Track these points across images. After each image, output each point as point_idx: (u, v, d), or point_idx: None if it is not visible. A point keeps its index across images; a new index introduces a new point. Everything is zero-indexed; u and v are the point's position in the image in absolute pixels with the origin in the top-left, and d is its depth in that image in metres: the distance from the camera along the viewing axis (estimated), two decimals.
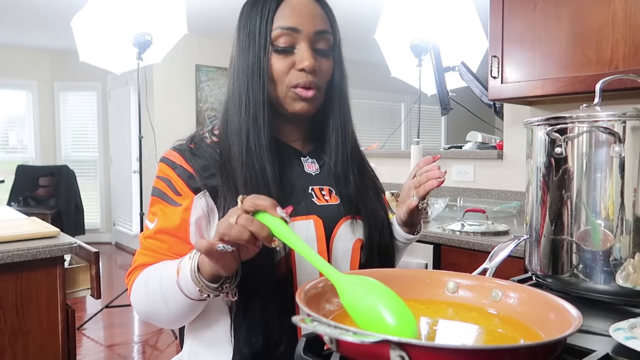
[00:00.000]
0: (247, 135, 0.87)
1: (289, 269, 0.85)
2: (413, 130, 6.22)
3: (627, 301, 0.84)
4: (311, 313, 0.53)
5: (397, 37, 3.38)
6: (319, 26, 0.88)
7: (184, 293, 0.77)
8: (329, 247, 0.90)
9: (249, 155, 0.86)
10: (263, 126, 0.87)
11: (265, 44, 0.86)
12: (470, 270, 0.78)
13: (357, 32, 3.73)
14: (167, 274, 0.80)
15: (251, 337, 0.83)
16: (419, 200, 0.93)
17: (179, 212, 0.86)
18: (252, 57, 0.87)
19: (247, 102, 0.87)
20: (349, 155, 0.96)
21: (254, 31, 0.87)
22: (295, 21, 0.86)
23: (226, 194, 0.85)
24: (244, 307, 0.83)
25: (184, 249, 0.85)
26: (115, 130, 6.17)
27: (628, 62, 1.65)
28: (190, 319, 0.87)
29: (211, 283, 0.74)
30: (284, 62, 0.87)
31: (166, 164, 0.90)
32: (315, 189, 0.93)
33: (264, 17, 0.86)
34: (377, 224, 0.95)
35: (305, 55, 0.86)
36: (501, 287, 0.69)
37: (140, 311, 0.87)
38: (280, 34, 0.86)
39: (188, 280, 0.75)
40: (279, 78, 0.87)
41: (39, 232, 1.69)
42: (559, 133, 0.87)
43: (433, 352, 0.47)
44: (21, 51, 5.92)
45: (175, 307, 0.81)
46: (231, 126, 0.89)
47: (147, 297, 0.83)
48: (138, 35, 3.39)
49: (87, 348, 3.15)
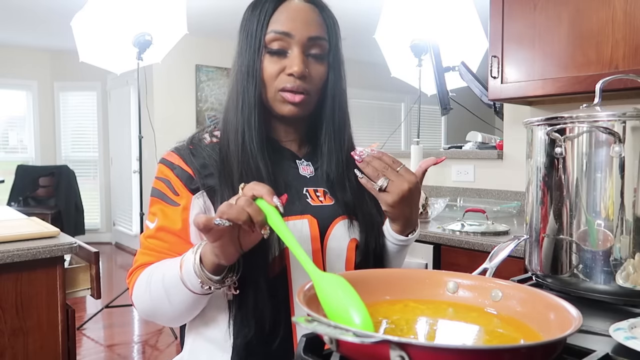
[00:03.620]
0: (243, 134, 0.89)
1: (283, 267, 0.87)
2: (413, 130, 6.22)
3: (627, 301, 0.84)
4: (311, 313, 0.53)
5: (397, 37, 3.38)
6: (313, 32, 0.89)
7: (187, 287, 0.79)
8: (323, 247, 0.91)
9: (244, 154, 0.88)
10: (256, 126, 0.89)
11: (259, 47, 0.88)
12: (470, 270, 0.78)
13: (357, 32, 3.73)
14: (170, 270, 0.82)
15: (244, 327, 0.85)
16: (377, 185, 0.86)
17: (179, 212, 0.88)
18: (247, 58, 0.89)
19: (242, 102, 0.90)
20: (344, 162, 0.94)
21: (250, 34, 0.89)
22: (289, 26, 0.88)
23: (223, 191, 0.86)
24: (238, 303, 0.85)
25: (185, 249, 0.86)
26: (115, 130, 6.17)
27: (628, 62, 1.65)
28: (193, 315, 0.88)
29: (213, 275, 0.77)
30: (274, 66, 0.89)
31: (165, 165, 0.92)
32: (309, 190, 0.94)
33: (260, 21, 0.88)
34: (374, 228, 0.95)
35: (295, 61, 0.87)
36: (501, 287, 0.69)
37: (142, 309, 0.88)
38: (273, 37, 0.88)
39: (191, 273, 0.77)
40: (268, 81, 0.89)
41: (39, 232, 1.69)
42: (559, 133, 0.87)
43: (433, 352, 0.47)
44: (21, 51, 5.92)
45: (179, 303, 0.82)
46: (229, 125, 0.92)
47: (150, 294, 0.84)
48: (138, 35, 3.39)
49: (87, 348, 3.15)
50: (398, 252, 0.98)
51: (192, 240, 0.89)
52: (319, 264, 0.89)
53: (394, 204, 0.85)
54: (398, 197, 0.84)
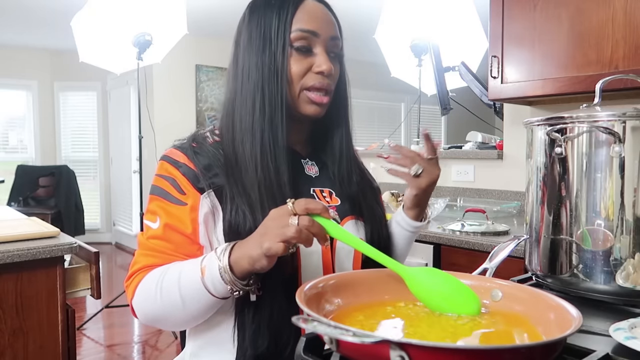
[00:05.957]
0: (262, 136, 0.86)
1: (294, 268, 0.86)
2: (413, 130, 6.22)
3: (627, 301, 0.84)
4: (311, 313, 0.53)
5: (397, 37, 3.38)
6: (332, 32, 0.90)
7: (209, 292, 0.77)
8: (332, 247, 0.91)
9: (263, 157, 0.86)
10: (280, 127, 0.87)
11: (284, 45, 0.86)
12: (470, 270, 0.78)
13: (357, 32, 3.73)
14: (187, 274, 0.79)
15: (257, 338, 0.83)
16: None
17: (186, 211, 0.85)
18: (268, 57, 0.87)
19: (262, 102, 0.87)
20: (352, 158, 0.98)
21: (269, 31, 0.87)
22: (314, 25, 0.88)
23: (234, 196, 0.84)
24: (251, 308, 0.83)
25: (192, 249, 0.85)
26: (115, 130, 6.17)
27: (628, 62, 1.65)
28: (203, 319, 0.86)
29: (241, 280, 0.76)
30: (301, 64, 0.88)
31: (169, 163, 0.88)
32: (316, 191, 0.94)
33: (282, 19, 0.87)
34: (377, 222, 0.97)
35: (323, 59, 0.88)
36: (501, 287, 0.69)
37: (147, 314, 0.84)
38: (299, 36, 0.87)
39: (217, 279, 0.76)
40: (294, 79, 0.88)
41: (39, 232, 1.69)
42: (559, 133, 0.87)
43: (433, 352, 0.47)
44: (21, 51, 5.92)
45: (195, 307, 0.80)
46: (241, 126, 0.88)
47: (162, 298, 0.81)
48: (138, 35, 3.39)
49: (87, 348, 3.15)
50: (409, 240, 1.05)
51: (201, 240, 0.86)
52: (329, 264, 0.90)
53: (427, 187, 0.96)
54: (431, 180, 0.95)
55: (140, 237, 0.88)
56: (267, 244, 0.71)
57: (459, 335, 0.61)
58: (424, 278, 0.68)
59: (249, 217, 0.82)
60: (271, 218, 0.73)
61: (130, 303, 0.87)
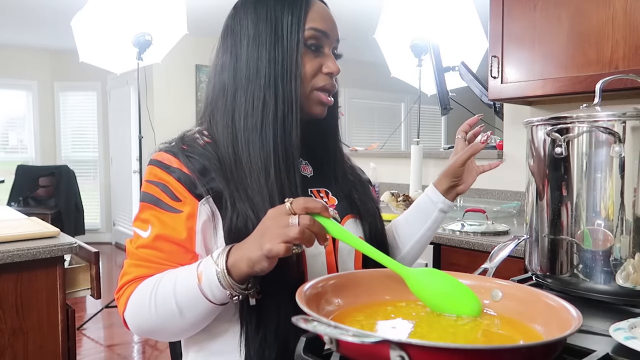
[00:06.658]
0: (274, 135, 0.83)
1: (301, 271, 0.83)
2: (413, 130, 6.22)
3: (627, 301, 0.84)
4: (311, 313, 0.53)
5: (397, 37, 3.38)
6: (338, 34, 0.91)
7: (207, 298, 0.74)
8: (335, 247, 0.90)
9: (275, 158, 0.83)
10: (295, 126, 0.84)
11: (297, 42, 0.84)
12: (470, 270, 0.78)
13: (357, 32, 3.73)
14: (183, 282, 0.76)
15: (264, 348, 0.79)
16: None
17: (181, 219, 0.80)
18: (281, 53, 0.84)
19: (275, 100, 0.83)
20: (342, 155, 1.00)
21: (280, 27, 0.85)
22: (325, 26, 0.88)
23: (235, 202, 0.80)
24: (257, 316, 0.80)
25: (185, 258, 0.81)
26: (115, 130, 6.17)
27: (628, 62, 1.65)
28: (202, 327, 0.82)
29: (239, 284, 0.73)
30: (313, 63, 0.87)
31: (159, 167, 0.83)
32: (313, 191, 0.93)
33: (295, 15, 0.85)
34: (372, 217, 0.97)
35: (331, 60, 0.88)
36: (501, 287, 0.69)
37: (140, 326, 0.81)
38: (313, 35, 0.86)
39: (214, 284, 0.73)
40: (307, 78, 0.87)
41: (39, 232, 1.69)
42: (559, 133, 0.87)
43: (433, 352, 0.47)
44: (21, 51, 5.92)
45: (193, 316, 0.77)
46: (245, 125, 0.84)
47: (157, 309, 0.77)
48: (138, 35, 3.39)
49: (87, 348, 3.15)
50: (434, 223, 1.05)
51: (197, 249, 0.82)
52: (333, 264, 0.89)
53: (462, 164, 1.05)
54: (467, 157, 1.05)
55: (129, 245, 0.84)
56: (268, 245, 0.68)
57: (460, 336, 0.61)
58: (424, 278, 0.68)
59: (254, 223, 0.78)
60: (269, 218, 0.70)
61: (122, 316, 0.83)
